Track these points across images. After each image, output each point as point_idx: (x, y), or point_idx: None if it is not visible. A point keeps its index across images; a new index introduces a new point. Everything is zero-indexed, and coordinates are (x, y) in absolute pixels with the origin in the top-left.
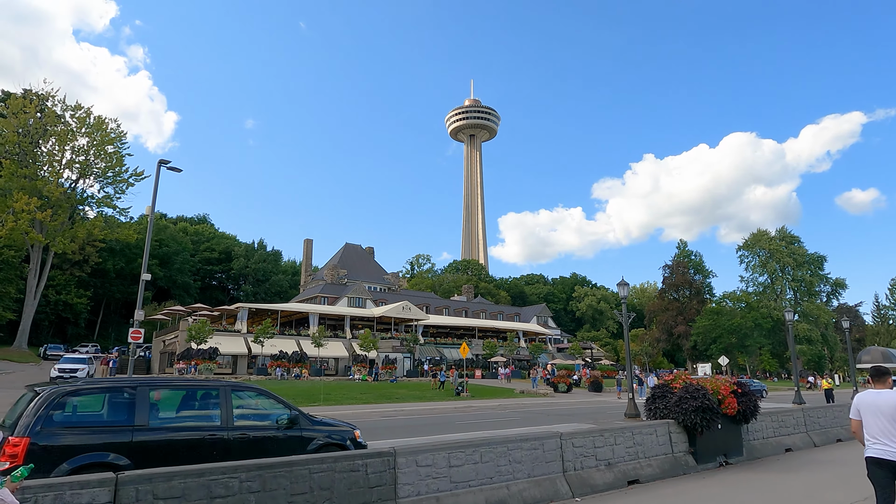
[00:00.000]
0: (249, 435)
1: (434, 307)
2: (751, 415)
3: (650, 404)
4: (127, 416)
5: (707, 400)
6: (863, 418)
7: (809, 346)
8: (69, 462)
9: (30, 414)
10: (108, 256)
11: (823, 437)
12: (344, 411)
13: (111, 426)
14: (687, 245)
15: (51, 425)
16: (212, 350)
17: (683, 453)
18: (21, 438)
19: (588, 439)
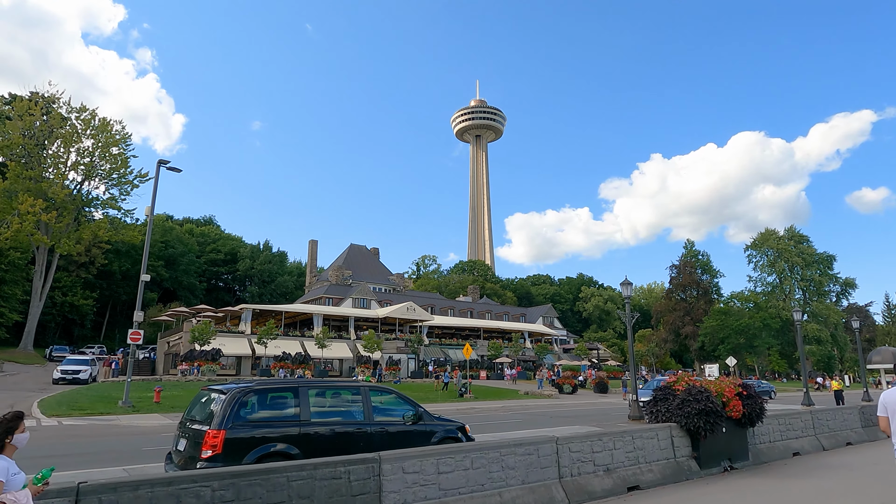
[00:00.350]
0: (386, 429)
1: (439, 308)
2: (756, 418)
3: (651, 407)
4: (294, 412)
5: (710, 403)
6: (889, 415)
7: (819, 347)
8: (254, 452)
9: (221, 410)
10: (114, 258)
11: (833, 440)
12: None
13: (283, 421)
14: (694, 245)
15: (238, 420)
16: (214, 351)
17: (686, 458)
18: (219, 431)
19: (586, 444)
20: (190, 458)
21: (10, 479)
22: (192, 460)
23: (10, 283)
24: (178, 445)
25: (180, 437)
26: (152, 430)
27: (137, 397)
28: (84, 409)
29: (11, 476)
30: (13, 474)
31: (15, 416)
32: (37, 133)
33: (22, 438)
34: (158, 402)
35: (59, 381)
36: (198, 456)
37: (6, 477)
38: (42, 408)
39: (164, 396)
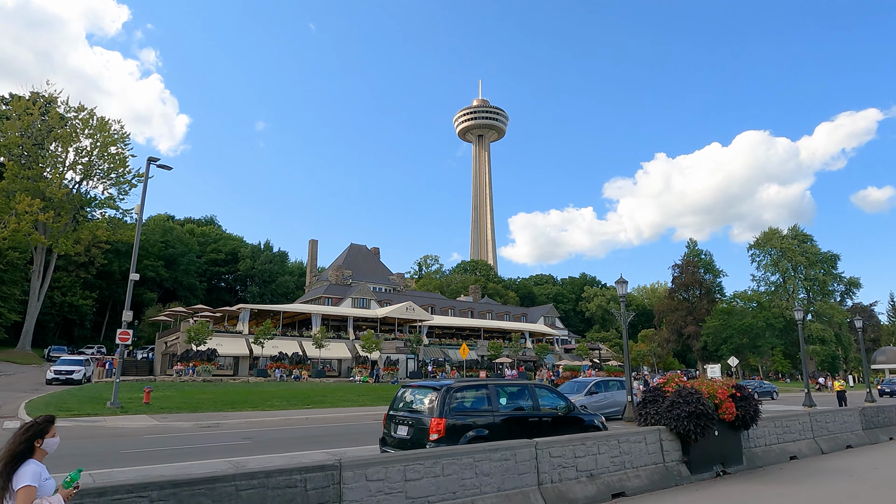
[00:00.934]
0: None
1: (439, 308)
2: (751, 420)
3: (641, 409)
4: (488, 404)
5: (701, 405)
6: None
7: (823, 347)
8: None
9: (438, 403)
10: (114, 258)
11: (832, 443)
12: (336, 414)
13: (480, 411)
14: (697, 244)
15: (451, 411)
16: (210, 351)
17: (676, 462)
18: (441, 419)
19: (568, 448)
20: (416, 441)
21: (43, 484)
22: (418, 443)
23: (9, 283)
24: (398, 432)
25: (399, 425)
26: (136, 432)
27: (128, 398)
28: (71, 411)
29: (43, 481)
30: (45, 479)
31: (46, 420)
32: (35, 132)
33: (52, 443)
34: (148, 402)
35: (52, 381)
36: (425, 439)
37: (38, 482)
38: (29, 409)
39: (155, 397)
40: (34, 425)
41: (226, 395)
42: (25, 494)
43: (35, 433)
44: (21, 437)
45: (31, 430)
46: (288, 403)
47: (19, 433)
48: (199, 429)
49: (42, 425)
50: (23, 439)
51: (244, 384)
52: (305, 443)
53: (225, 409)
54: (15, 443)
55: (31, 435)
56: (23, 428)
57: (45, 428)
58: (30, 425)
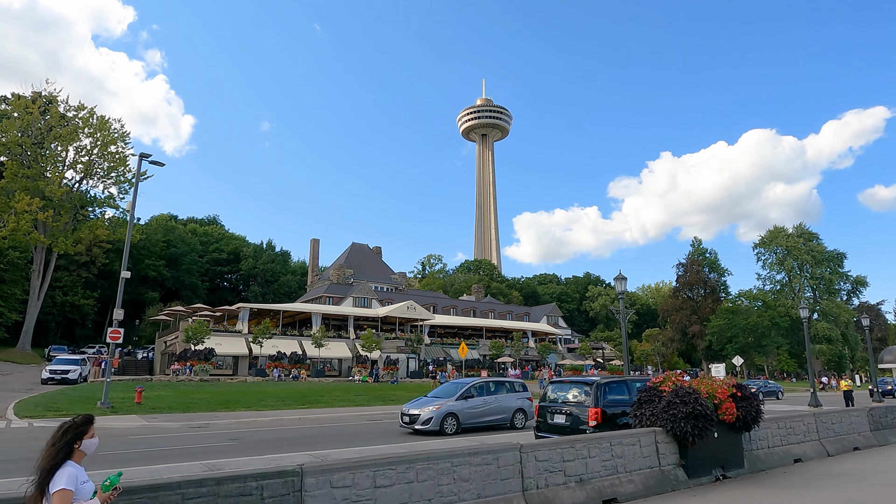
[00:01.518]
0: None
1: (441, 307)
2: (752, 421)
3: (636, 410)
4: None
5: (699, 405)
6: None
7: (829, 346)
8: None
9: (593, 395)
10: (116, 257)
11: (838, 445)
12: (330, 414)
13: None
14: (702, 243)
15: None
16: (207, 351)
17: (672, 466)
18: (597, 409)
19: (555, 451)
20: (574, 427)
21: (80, 487)
22: (576, 429)
23: (10, 282)
24: (554, 420)
25: (555, 414)
26: (123, 433)
27: (121, 398)
28: (60, 411)
29: (81, 484)
30: (83, 482)
31: (85, 421)
32: (35, 131)
33: (91, 444)
34: (140, 402)
35: (47, 381)
36: (584, 425)
37: (76, 485)
38: (18, 409)
39: (148, 397)
40: (73, 426)
41: (221, 395)
42: (61, 498)
43: (75, 435)
44: (60, 439)
45: (71, 432)
46: (283, 403)
47: (58, 435)
48: (188, 429)
49: (81, 427)
50: (63, 442)
51: (241, 384)
52: (293, 444)
53: (218, 410)
54: (54, 446)
55: (71, 437)
56: (61, 429)
57: (84, 429)
58: (68, 426)
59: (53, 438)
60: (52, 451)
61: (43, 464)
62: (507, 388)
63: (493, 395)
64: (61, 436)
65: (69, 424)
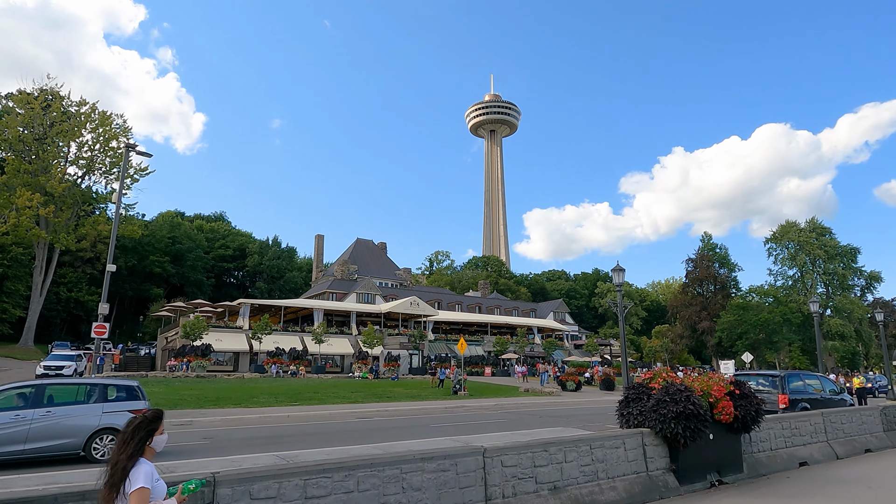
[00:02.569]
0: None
1: (446, 303)
2: (752, 422)
3: (622, 409)
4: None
5: (692, 404)
6: None
7: (843, 343)
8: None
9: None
10: (120, 254)
11: (848, 447)
12: (320, 411)
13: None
14: (711, 238)
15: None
16: (205, 346)
17: (662, 471)
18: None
19: (525, 456)
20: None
21: (154, 485)
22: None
23: (13, 278)
24: None
25: None
26: None
27: None
28: None
29: (155, 482)
30: (156, 480)
31: (155, 416)
32: (36, 127)
33: (161, 440)
34: None
35: (41, 377)
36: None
37: (150, 483)
38: None
39: None
40: (144, 423)
41: (213, 392)
42: (139, 497)
43: (147, 432)
44: (132, 436)
45: (142, 429)
46: (275, 400)
47: (129, 432)
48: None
49: (152, 423)
50: (137, 439)
51: (238, 380)
52: (268, 443)
53: (206, 406)
54: (127, 443)
55: (144, 435)
56: (132, 426)
57: (155, 426)
58: (139, 423)
59: (124, 435)
60: (126, 449)
61: (117, 461)
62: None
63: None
64: (133, 432)
65: (140, 420)
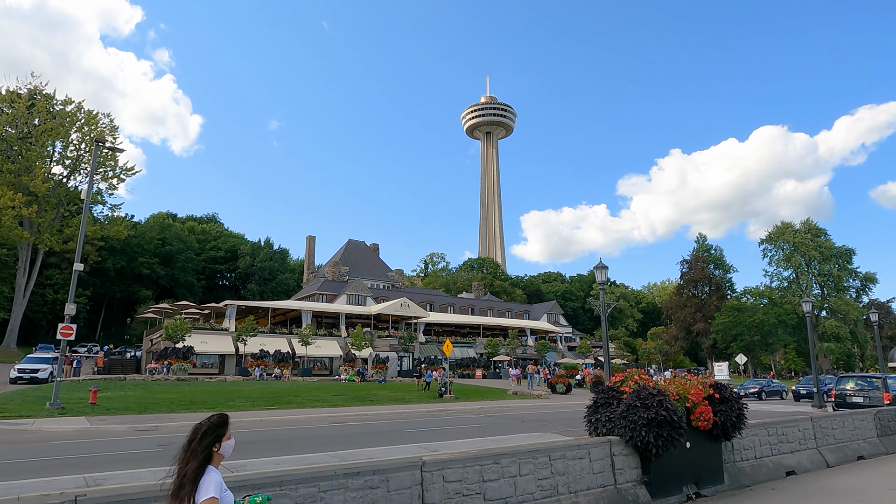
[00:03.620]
0: None
1: (439, 304)
2: (733, 428)
3: (590, 415)
4: None
5: (664, 410)
6: None
7: (838, 344)
8: None
9: (882, 384)
10: (108, 255)
11: (839, 454)
12: (295, 416)
13: None
14: (706, 239)
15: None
16: (186, 349)
17: (632, 484)
18: (888, 393)
19: (472, 470)
20: (874, 405)
21: (223, 496)
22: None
23: None
24: (856, 399)
25: (852, 397)
26: (52, 437)
27: (79, 398)
28: (5, 412)
29: (223, 493)
30: (224, 490)
31: (221, 421)
32: (20, 126)
33: (228, 446)
34: (95, 403)
35: (16, 380)
36: (880, 404)
37: (220, 493)
38: None
39: (110, 397)
40: (212, 428)
41: (190, 395)
42: None
43: (214, 437)
44: (200, 442)
45: (210, 435)
46: (252, 404)
47: (196, 438)
48: (134, 432)
49: (219, 428)
50: (203, 446)
51: (220, 383)
52: None
53: (179, 411)
54: (195, 451)
55: (211, 441)
56: (198, 432)
57: (222, 431)
58: (206, 428)
59: (191, 441)
60: (195, 457)
61: (186, 469)
62: None
63: None
64: (200, 439)
65: (207, 426)
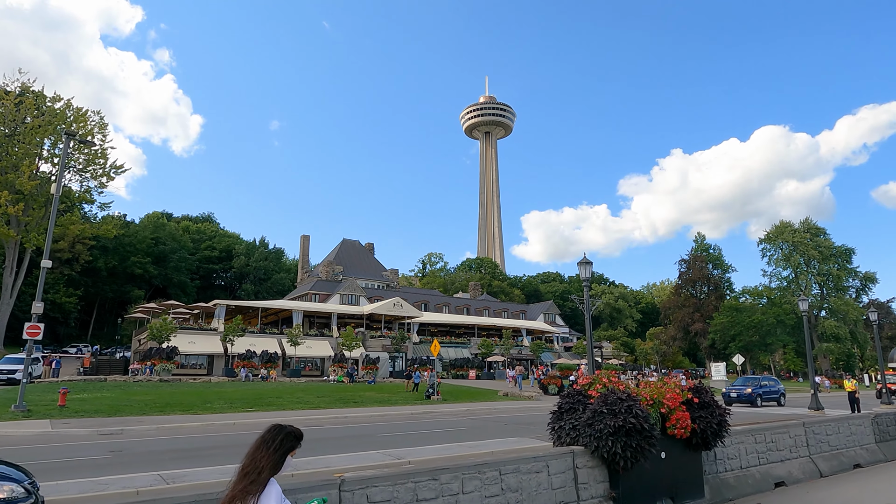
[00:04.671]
0: None
1: (434, 304)
2: (714, 436)
3: (554, 422)
4: None
5: (633, 417)
6: None
7: (838, 345)
8: None
9: None
10: (100, 254)
11: (834, 462)
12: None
13: None
14: (705, 239)
15: None
16: (170, 349)
17: (599, 500)
18: None
19: (404, 488)
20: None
21: None
22: None
23: None
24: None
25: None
26: (14, 441)
27: (49, 400)
28: None
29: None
30: (283, 501)
31: (300, 434)
32: (8, 123)
33: (291, 462)
34: (64, 405)
35: None
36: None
37: None
38: None
39: (83, 399)
40: (289, 436)
41: (168, 397)
42: None
43: (290, 446)
44: (281, 444)
45: (288, 442)
46: (230, 406)
47: (278, 440)
48: (97, 436)
49: (297, 439)
50: (283, 449)
51: (204, 384)
52: (177, 458)
53: (151, 413)
54: (269, 457)
55: (287, 448)
56: (281, 433)
57: (297, 444)
58: (284, 436)
59: (271, 442)
60: (272, 456)
61: (260, 469)
62: None
63: None
64: (281, 441)
65: (284, 433)
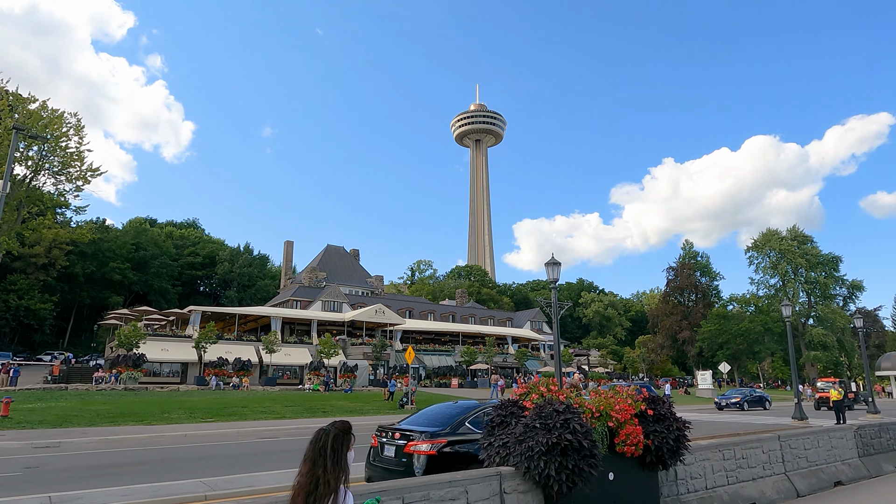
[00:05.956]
0: None
1: (419, 312)
2: (671, 453)
3: (485, 437)
4: None
5: (570, 433)
6: None
7: (825, 353)
8: None
9: None
10: (77, 260)
11: (813, 479)
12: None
13: None
14: (693, 246)
15: None
16: (136, 357)
17: None
18: None
19: None
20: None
21: None
22: None
23: None
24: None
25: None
26: None
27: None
28: None
29: None
30: None
31: (349, 426)
32: None
33: (350, 457)
34: (6, 415)
35: None
36: None
37: None
38: None
39: (29, 409)
40: (341, 433)
41: (126, 406)
42: None
43: (349, 444)
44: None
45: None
46: (189, 416)
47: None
48: (30, 449)
49: (349, 433)
50: (345, 453)
51: (171, 393)
52: (94, 475)
53: (102, 424)
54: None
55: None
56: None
57: (349, 438)
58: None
59: (331, 450)
60: (339, 464)
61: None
62: None
63: None
64: (342, 447)
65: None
